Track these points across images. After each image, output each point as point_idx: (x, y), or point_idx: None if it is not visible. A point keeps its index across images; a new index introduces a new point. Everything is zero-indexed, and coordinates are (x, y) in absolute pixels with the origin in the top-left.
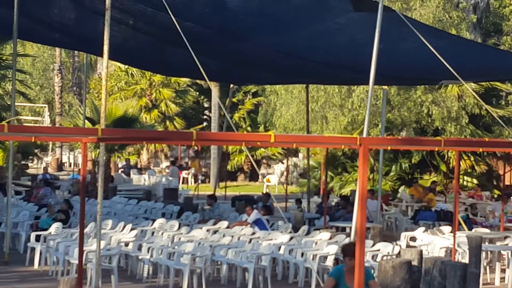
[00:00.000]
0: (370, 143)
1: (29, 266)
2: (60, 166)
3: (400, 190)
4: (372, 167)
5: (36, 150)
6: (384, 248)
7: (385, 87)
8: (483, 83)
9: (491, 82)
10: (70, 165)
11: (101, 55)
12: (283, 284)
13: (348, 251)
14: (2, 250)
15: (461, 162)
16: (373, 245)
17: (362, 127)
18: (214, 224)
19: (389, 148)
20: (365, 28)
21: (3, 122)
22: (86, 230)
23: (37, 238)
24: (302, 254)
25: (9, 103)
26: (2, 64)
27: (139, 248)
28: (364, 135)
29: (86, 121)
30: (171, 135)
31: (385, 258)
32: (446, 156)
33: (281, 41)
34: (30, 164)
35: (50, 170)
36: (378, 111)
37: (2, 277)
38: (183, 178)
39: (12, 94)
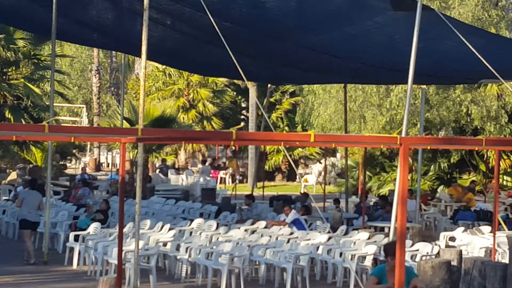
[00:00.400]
0: (410, 142)
1: (67, 266)
2: (98, 166)
3: (439, 190)
4: (411, 167)
5: (74, 151)
6: (423, 248)
7: (424, 86)
8: None
9: None
10: (108, 165)
11: (139, 56)
12: (322, 284)
13: (390, 250)
14: (41, 250)
15: (500, 162)
16: (412, 245)
17: (400, 127)
18: (252, 224)
19: (428, 147)
20: (404, 27)
21: (44, 123)
22: (125, 230)
23: (76, 238)
24: (341, 254)
25: (47, 103)
26: (41, 64)
27: (177, 248)
28: (403, 134)
29: (124, 121)
30: (211, 135)
31: (424, 258)
32: (485, 156)
33: (319, 41)
34: (68, 165)
35: (88, 170)
36: (416, 110)
37: (41, 277)
38: (221, 178)
39: (51, 94)
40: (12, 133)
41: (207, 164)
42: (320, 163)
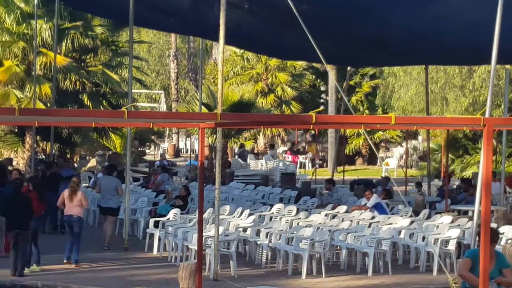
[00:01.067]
0: (494, 123)
1: (148, 252)
2: (177, 152)
3: None
4: (495, 149)
5: (153, 137)
6: (509, 231)
7: (508, 66)
8: None
9: None
10: (187, 151)
11: (216, 40)
12: (404, 269)
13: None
14: (121, 237)
15: None
16: (497, 228)
17: (484, 108)
18: (333, 208)
19: None
20: (486, 6)
21: (122, 109)
22: (204, 215)
23: (156, 224)
24: (423, 238)
25: (126, 90)
26: (119, 51)
27: (257, 233)
28: (487, 115)
29: (202, 107)
30: (290, 118)
31: (509, 241)
32: None
33: (399, 22)
34: (147, 151)
35: (167, 156)
36: (500, 91)
37: (122, 264)
38: (300, 162)
39: (129, 81)
40: (91, 120)
41: (279, 149)
42: (402, 146)
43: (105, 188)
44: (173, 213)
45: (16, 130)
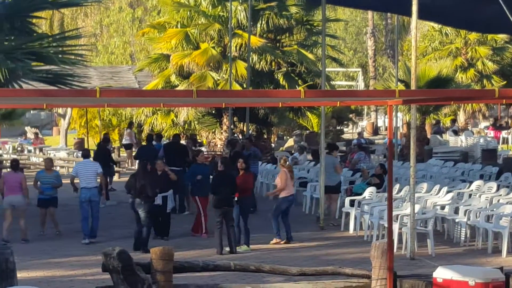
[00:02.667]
0: None
1: (344, 231)
2: (375, 130)
3: None
4: None
5: (351, 115)
6: None
7: None
8: None
9: None
10: (385, 129)
11: (411, 16)
12: None
13: None
14: (317, 216)
15: None
16: None
17: None
18: None
19: None
20: None
21: (299, 88)
22: (401, 193)
23: (352, 203)
24: None
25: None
26: (314, 30)
27: (456, 211)
28: None
29: (399, 83)
30: (474, 93)
31: None
32: None
33: None
34: (345, 129)
35: (365, 134)
36: None
37: (318, 243)
38: (503, 138)
39: (322, 59)
40: (277, 100)
41: (480, 124)
42: None
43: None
44: (369, 191)
45: (213, 111)
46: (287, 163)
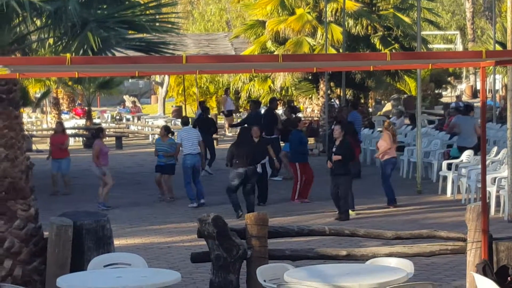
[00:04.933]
0: None
1: (441, 195)
2: (474, 93)
3: None
4: None
5: (449, 78)
6: None
7: None
8: None
9: None
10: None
11: None
12: None
13: None
14: (414, 180)
15: None
16: None
17: None
18: None
19: None
20: None
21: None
22: (499, 156)
23: (449, 167)
24: None
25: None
26: None
27: None
28: None
29: (496, 45)
30: None
31: None
32: None
33: None
34: (444, 93)
35: (464, 97)
36: None
37: (415, 207)
38: None
39: (417, 22)
40: (368, 63)
41: None
42: None
43: (464, 128)
44: (466, 155)
45: (310, 77)
46: (391, 126)
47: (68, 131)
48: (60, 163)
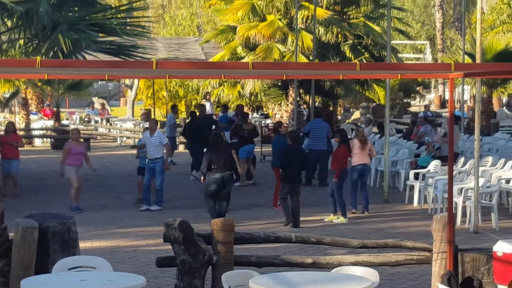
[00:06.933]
0: None
1: (408, 204)
2: (443, 103)
3: None
4: None
5: (418, 88)
6: None
7: None
8: None
9: None
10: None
11: None
12: None
13: None
14: (381, 189)
15: None
16: None
17: None
18: None
19: None
20: None
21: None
22: (466, 167)
23: (416, 176)
24: None
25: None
26: (380, 2)
27: None
28: None
29: (465, 56)
30: None
31: None
32: None
33: None
34: (412, 102)
35: (432, 107)
36: None
37: (382, 215)
38: None
39: (387, 32)
40: (338, 73)
41: None
42: None
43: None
44: (434, 164)
45: (279, 83)
46: (360, 131)
47: (36, 132)
48: (10, 163)
